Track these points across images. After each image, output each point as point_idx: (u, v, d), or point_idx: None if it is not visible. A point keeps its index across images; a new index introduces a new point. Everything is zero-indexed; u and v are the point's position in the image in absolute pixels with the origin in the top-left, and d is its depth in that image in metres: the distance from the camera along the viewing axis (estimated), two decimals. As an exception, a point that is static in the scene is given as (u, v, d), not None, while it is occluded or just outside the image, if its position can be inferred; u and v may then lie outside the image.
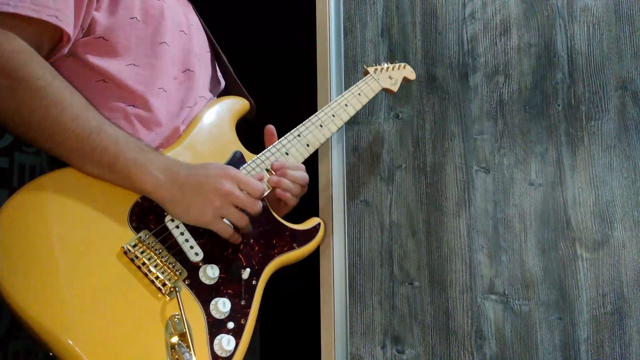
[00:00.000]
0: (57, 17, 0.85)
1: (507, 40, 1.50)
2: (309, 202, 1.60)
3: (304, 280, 1.75)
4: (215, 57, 1.21)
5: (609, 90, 1.42)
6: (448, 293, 1.41)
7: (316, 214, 1.52)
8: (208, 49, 1.18)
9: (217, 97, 1.23)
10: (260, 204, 0.93)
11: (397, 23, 1.58)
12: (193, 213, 0.87)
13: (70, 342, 0.73)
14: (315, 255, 1.50)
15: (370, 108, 1.55)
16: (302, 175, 1.08)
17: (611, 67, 1.43)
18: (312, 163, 1.31)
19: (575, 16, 1.47)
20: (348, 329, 1.44)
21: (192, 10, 1.18)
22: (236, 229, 0.92)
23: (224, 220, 0.90)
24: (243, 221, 0.91)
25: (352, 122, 1.55)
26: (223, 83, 1.24)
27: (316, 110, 1.57)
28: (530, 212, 1.41)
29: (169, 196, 0.86)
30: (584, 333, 1.33)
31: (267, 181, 1.03)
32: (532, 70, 1.48)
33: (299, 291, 2.26)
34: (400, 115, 1.53)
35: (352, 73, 1.57)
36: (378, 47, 1.58)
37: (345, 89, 1.56)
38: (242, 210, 0.91)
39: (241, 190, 0.90)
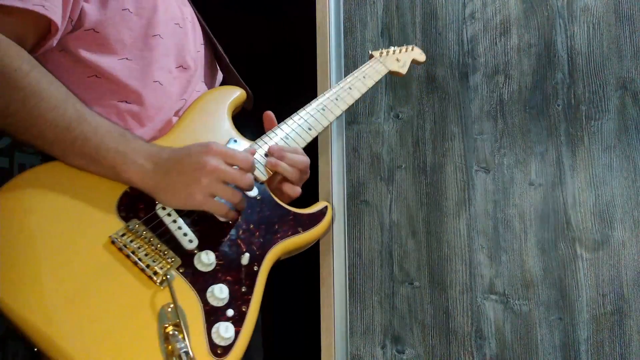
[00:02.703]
0: (43, 7, 0.83)
1: (507, 40, 1.50)
2: (308, 202, 1.60)
3: (304, 280, 1.75)
4: (212, 49, 1.19)
5: (609, 90, 1.42)
6: (448, 293, 1.41)
7: (316, 214, 1.52)
8: (203, 42, 1.15)
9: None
10: (251, 176, 0.89)
11: (397, 23, 1.58)
12: (181, 196, 0.83)
13: (52, 334, 0.70)
14: (315, 255, 1.50)
15: (370, 108, 1.55)
16: (302, 158, 1.02)
17: (611, 67, 1.43)
18: (312, 163, 1.31)
19: (575, 16, 1.47)
20: (348, 329, 1.44)
21: (187, 2, 1.16)
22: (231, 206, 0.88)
23: (216, 198, 0.86)
24: (236, 197, 0.86)
25: (352, 122, 1.56)
26: (221, 76, 1.23)
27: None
28: (530, 212, 1.41)
29: (155, 183, 0.84)
30: (584, 333, 1.33)
31: (265, 165, 0.98)
32: (532, 70, 1.48)
33: (299, 291, 2.26)
34: (400, 115, 1.54)
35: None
36: (378, 47, 1.58)
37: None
38: (234, 187, 0.87)
39: (229, 164, 0.86)
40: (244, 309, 0.84)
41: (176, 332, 0.75)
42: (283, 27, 2.66)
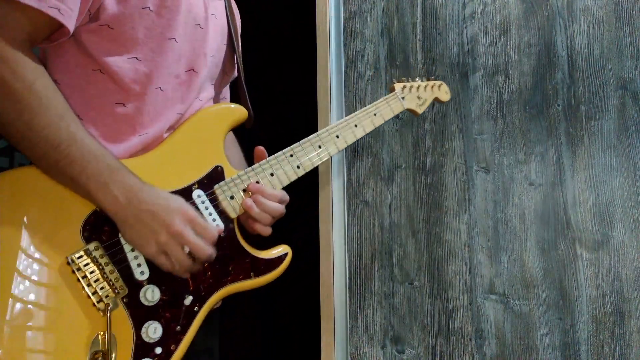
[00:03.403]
0: (59, 10, 0.82)
1: (507, 40, 1.50)
2: (308, 202, 1.60)
3: (304, 281, 1.75)
4: (232, 49, 1.17)
5: (609, 90, 1.42)
6: (448, 293, 1.41)
7: (316, 213, 1.52)
8: (226, 42, 1.12)
9: (224, 90, 1.21)
10: (210, 251, 0.90)
11: (397, 23, 1.58)
12: (139, 241, 0.86)
13: None
14: (315, 255, 1.50)
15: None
16: (277, 207, 1.00)
17: (611, 67, 1.43)
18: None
19: (575, 16, 1.47)
20: (348, 329, 1.44)
21: None
22: (181, 268, 0.90)
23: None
24: (184, 263, 0.88)
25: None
26: (236, 74, 1.20)
27: (316, 110, 1.58)
28: (530, 212, 1.41)
29: (123, 219, 0.85)
30: (584, 333, 1.33)
31: (241, 203, 0.98)
32: (532, 70, 1.48)
33: (299, 291, 2.26)
34: (400, 115, 1.53)
35: (352, 73, 1.57)
36: (378, 47, 1.58)
37: (345, 89, 1.56)
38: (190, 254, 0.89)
39: (196, 233, 0.88)
40: (172, 348, 0.87)
41: None
42: (283, 27, 2.66)
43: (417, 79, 1.23)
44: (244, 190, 0.99)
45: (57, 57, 0.92)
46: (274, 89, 2.66)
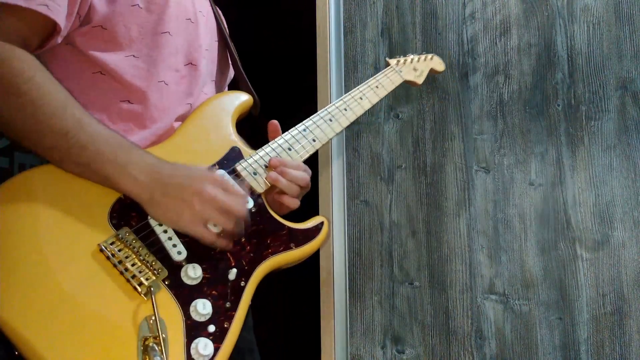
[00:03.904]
0: (47, 7, 0.82)
1: (507, 40, 1.50)
2: (308, 202, 1.60)
3: (304, 280, 1.76)
4: (225, 46, 1.18)
5: (609, 90, 1.42)
6: (448, 293, 1.41)
7: (316, 213, 1.52)
8: (217, 38, 1.13)
9: (226, 88, 1.21)
10: (245, 206, 0.89)
11: (397, 23, 1.58)
12: (171, 217, 0.83)
13: (33, 340, 0.71)
14: (315, 255, 1.50)
15: (370, 108, 1.55)
16: (302, 175, 1.00)
17: (611, 67, 1.43)
18: (312, 163, 1.31)
19: (575, 16, 1.47)
20: (348, 329, 1.44)
21: None
22: (225, 234, 0.88)
23: (209, 225, 0.85)
24: (229, 224, 0.86)
25: (352, 122, 1.55)
26: (232, 73, 1.21)
27: (316, 110, 1.58)
28: (530, 212, 1.41)
29: (149, 197, 0.83)
30: (584, 333, 1.33)
31: (265, 178, 0.96)
32: (532, 70, 1.48)
33: (299, 291, 2.26)
34: (400, 115, 1.54)
35: (352, 73, 1.57)
36: (378, 47, 1.58)
37: (345, 89, 1.56)
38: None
39: (227, 194, 0.86)
40: (225, 326, 0.83)
41: (155, 346, 0.75)
42: (283, 27, 2.66)
43: (408, 55, 1.27)
44: (266, 166, 0.98)
45: (56, 65, 0.92)
46: (274, 89, 2.66)
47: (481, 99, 1.49)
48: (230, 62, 1.19)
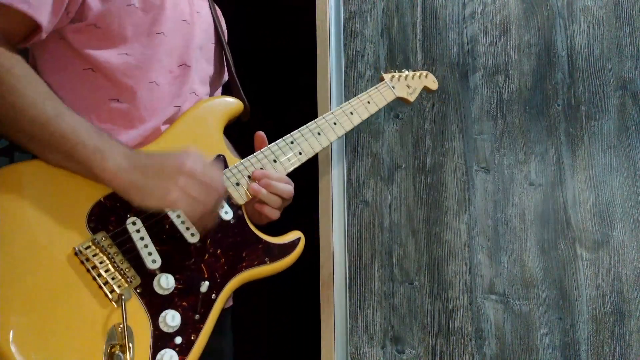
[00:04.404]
0: (28, 4, 0.82)
1: (507, 40, 1.50)
2: (308, 202, 1.60)
3: (304, 280, 1.76)
4: (222, 49, 1.18)
5: (609, 90, 1.42)
6: (448, 293, 1.41)
7: (316, 214, 1.52)
8: (213, 40, 1.13)
9: (218, 90, 1.21)
10: (223, 185, 0.89)
11: (397, 23, 1.58)
12: (156, 195, 0.83)
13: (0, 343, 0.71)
14: (315, 255, 1.50)
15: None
16: (286, 188, 1.00)
17: (611, 67, 1.43)
18: (312, 163, 1.31)
19: (575, 16, 1.47)
20: (348, 329, 1.44)
21: None
22: (206, 210, 0.87)
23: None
24: (211, 197, 0.86)
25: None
26: (227, 76, 1.21)
27: (316, 110, 1.57)
28: (530, 212, 1.41)
29: (130, 181, 0.82)
30: (584, 333, 1.33)
31: (247, 189, 0.96)
32: (532, 70, 1.48)
33: (299, 291, 2.26)
34: (400, 115, 1.53)
35: (352, 73, 1.57)
36: (378, 47, 1.58)
37: (345, 89, 1.56)
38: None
39: (205, 168, 0.87)
40: (192, 338, 0.84)
41: (120, 354, 0.76)
42: (283, 26, 2.66)
43: (403, 70, 1.27)
44: (249, 177, 0.98)
45: (46, 59, 0.92)
46: (273, 89, 2.66)
47: (481, 99, 1.49)
48: (225, 64, 1.19)
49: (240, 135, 1.19)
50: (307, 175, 1.29)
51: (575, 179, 1.40)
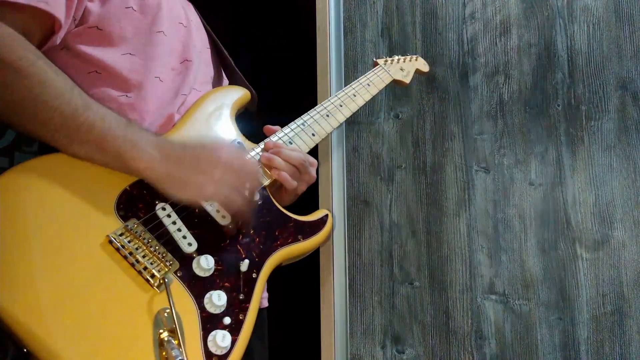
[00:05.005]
0: (46, 3, 0.83)
1: (507, 40, 1.50)
2: (309, 202, 1.60)
3: (304, 281, 1.75)
4: (218, 54, 1.19)
5: (609, 90, 1.42)
6: (448, 293, 1.41)
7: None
8: (208, 46, 1.16)
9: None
10: (260, 175, 0.89)
11: (397, 23, 1.58)
12: (192, 188, 0.82)
13: (43, 335, 0.68)
14: (315, 255, 1.50)
15: (370, 108, 1.55)
16: (296, 154, 0.99)
17: (611, 67, 1.43)
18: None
19: (575, 16, 1.47)
20: (348, 329, 1.44)
21: (193, 9, 1.16)
22: (245, 204, 0.87)
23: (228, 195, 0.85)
24: (248, 186, 0.85)
25: (352, 122, 1.55)
26: (226, 81, 1.22)
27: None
28: (530, 212, 1.41)
29: (165, 172, 0.81)
30: (584, 333, 1.33)
31: (259, 160, 0.96)
32: (532, 70, 1.48)
33: (299, 291, 2.26)
34: (400, 115, 1.53)
35: (352, 73, 1.57)
36: (378, 47, 1.58)
37: (345, 89, 1.56)
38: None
39: (241, 159, 0.87)
40: (241, 317, 0.82)
41: (171, 339, 0.73)
42: (283, 26, 2.66)
43: (394, 56, 1.34)
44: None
45: None
46: (273, 89, 2.66)
47: (481, 99, 1.49)
48: (222, 68, 1.21)
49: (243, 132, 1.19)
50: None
51: (575, 179, 1.40)
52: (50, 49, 0.91)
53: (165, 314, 0.75)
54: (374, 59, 1.32)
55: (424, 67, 1.39)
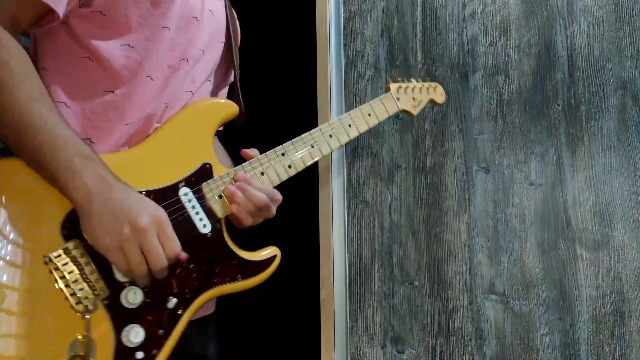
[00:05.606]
0: None
1: (507, 41, 1.50)
2: (308, 202, 1.60)
3: (304, 281, 1.75)
4: (230, 50, 1.15)
5: (609, 90, 1.42)
6: (448, 293, 1.41)
7: (316, 214, 1.52)
8: (223, 40, 1.10)
9: (223, 91, 1.19)
10: (165, 265, 0.82)
11: (397, 23, 1.58)
12: (98, 232, 0.79)
13: None
14: (315, 254, 1.50)
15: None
16: (261, 196, 0.95)
17: (611, 67, 1.43)
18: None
19: (575, 16, 1.47)
20: (348, 329, 1.44)
21: None
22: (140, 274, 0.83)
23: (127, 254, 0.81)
24: (140, 269, 0.79)
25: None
26: (232, 78, 1.19)
27: (316, 111, 1.57)
28: (530, 212, 1.41)
29: (88, 209, 0.78)
30: (584, 333, 1.33)
31: (222, 191, 0.94)
32: (532, 70, 1.48)
33: (299, 291, 2.26)
34: (400, 115, 1.53)
35: (352, 73, 1.57)
36: (378, 47, 1.58)
37: (345, 89, 1.56)
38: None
39: (159, 239, 0.80)
40: (154, 352, 0.83)
41: None
42: (283, 27, 2.66)
43: (412, 80, 1.23)
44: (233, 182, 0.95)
45: (46, 42, 0.90)
46: (273, 89, 2.66)
47: (481, 99, 1.49)
48: (232, 66, 1.17)
49: (239, 137, 1.19)
50: (307, 175, 1.29)
51: (575, 179, 1.40)
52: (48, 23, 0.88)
53: (82, 340, 0.78)
54: (388, 82, 1.21)
55: (440, 97, 1.28)
